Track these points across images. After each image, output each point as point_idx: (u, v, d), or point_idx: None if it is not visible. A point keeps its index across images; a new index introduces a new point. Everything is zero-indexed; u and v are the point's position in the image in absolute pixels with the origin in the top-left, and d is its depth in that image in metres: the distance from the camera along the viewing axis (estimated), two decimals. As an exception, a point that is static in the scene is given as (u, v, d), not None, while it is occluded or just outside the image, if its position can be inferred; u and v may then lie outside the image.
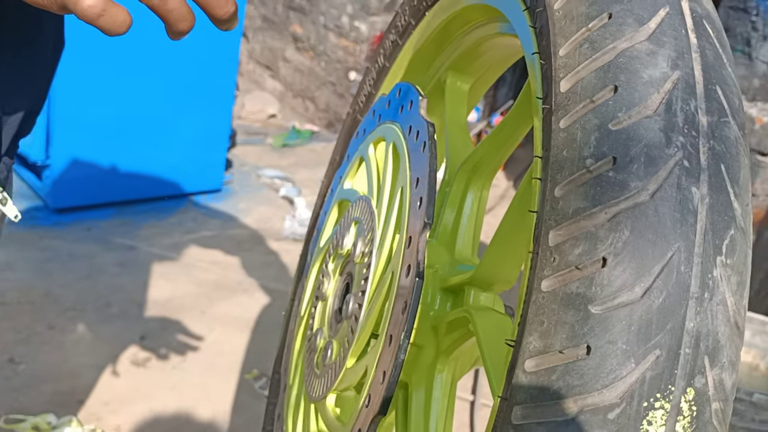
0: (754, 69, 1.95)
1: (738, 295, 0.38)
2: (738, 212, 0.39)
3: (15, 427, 1.61)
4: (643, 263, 0.37)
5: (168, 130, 2.57)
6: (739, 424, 1.64)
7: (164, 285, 2.23)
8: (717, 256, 0.38)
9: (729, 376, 0.38)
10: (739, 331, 0.39)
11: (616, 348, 0.36)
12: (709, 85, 0.41)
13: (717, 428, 0.38)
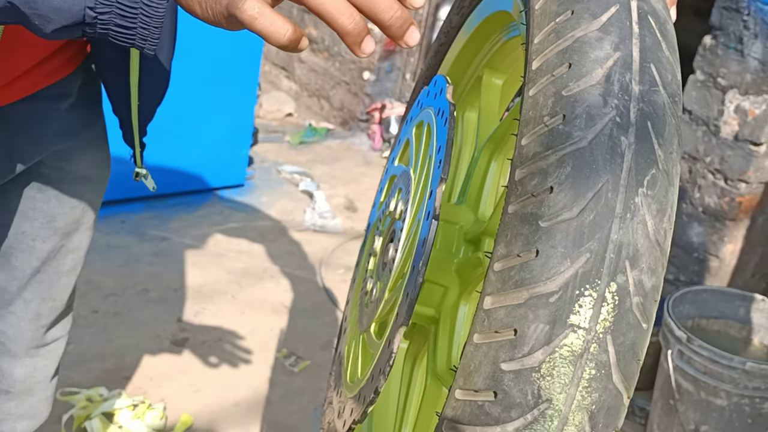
0: (746, 65, 2.07)
1: (658, 218, 0.50)
2: (661, 157, 0.51)
3: (70, 398, 1.74)
4: (579, 191, 0.49)
5: (195, 128, 2.70)
6: (734, 391, 1.76)
7: (196, 272, 2.36)
8: (639, 187, 0.49)
9: (648, 279, 0.49)
10: (660, 247, 0.50)
11: (557, 251, 0.48)
12: (644, 63, 0.52)
13: (638, 317, 0.49)
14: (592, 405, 0.48)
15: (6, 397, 0.92)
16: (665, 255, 0.51)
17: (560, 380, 0.48)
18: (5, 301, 0.87)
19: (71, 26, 0.53)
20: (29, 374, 0.92)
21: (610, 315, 0.48)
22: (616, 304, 0.48)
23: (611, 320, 0.48)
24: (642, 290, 0.49)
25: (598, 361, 0.48)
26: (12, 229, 0.84)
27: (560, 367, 0.48)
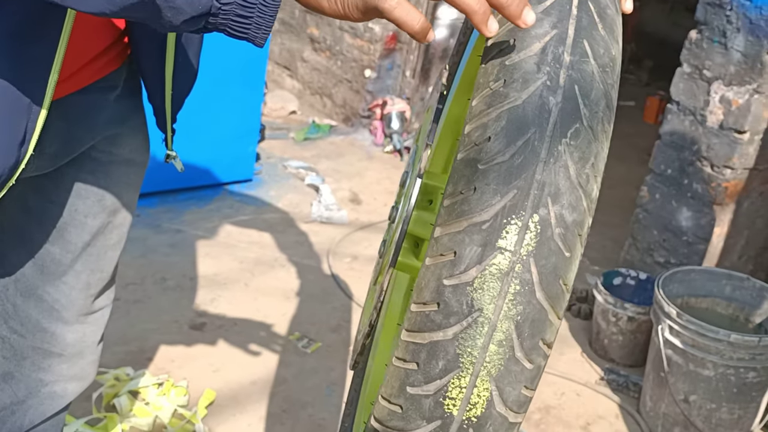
0: (729, 57, 2.16)
1: (579, 164, 0.58)
2: (586, 114, 0.59)
3: (99, 378, 1.84)
4: (511, 139, 0.58)
5: (205, 126, 2.79)
6: (720, 362, 1.86)
7: (210, 262, 2.46)
8: (563, 138, 0.58)
9: (569, 214, 0.58)
10: (583, 189, 0.58)
11: (490, 188, 0.58)
12: (578, 39, 0.60)
13: (559, 245, 0.58)
14: (518, 316, 0.57)
15: (59, 359, 1.01)
16: (589, 197, 0.59)
17: (489, 293, 0.57)
18: (59, 272, 0.96)
19: (198, 17, 0.59)
20: (79, 339, 1.01)
21: (533, 241, 0.57)
22: (538, 232, 0.57)
23: (534, 245, 0.57)
24: (563, 223, 0.58)
25: (522, 279, 0.57)
26: (66, 207, 0.93)
27: (489, 282, 0.57)
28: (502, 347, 0.57)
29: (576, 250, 0.59)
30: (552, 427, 2.00)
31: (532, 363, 0.59)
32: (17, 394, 1.02)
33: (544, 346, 0.59)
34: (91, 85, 0.86)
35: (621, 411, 2.09)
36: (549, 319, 0.58)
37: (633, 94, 4.57)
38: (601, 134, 0.60)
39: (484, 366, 0.58)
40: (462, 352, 0.57)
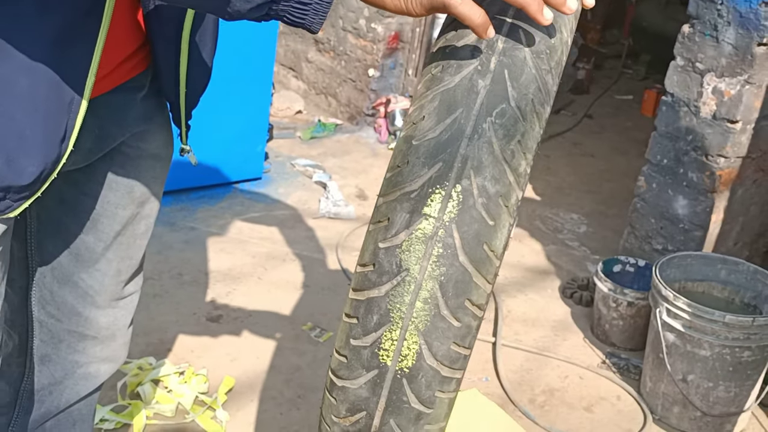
0: (720, 50, 2.22)
1: (504, 141, 0.64)
2: (513, 96, 0.64)
3: (123, 367, 1.90)
4: (441, 118, 0.64)
5: (215, 127, 2.85)
6: (716, 342, 1.92)
7: (224, 257, 2.52)
8: (488, 117, 0.64)
9: (492, 185, 0.63)
10: (508, 164, 0.64)
11: (420, 161, 0.64)
12: (514, 28, 0.66)
13: (482, 214, 0.63)
14: (441, 276, 0.63)
15: (93, 342, 1.08)
16: (516, 171, 0.64)
17: (415, 255, 0.63)
18: (93, 260, 1.03)
19: (263, 4, 0.63)
20: (112, 322, 1.08)
21: (455, 209, 0.63)
22: (461, 201, 0.63)
23: (456, 213, 0.63)
24: (486, 193, 0.63)
25: (444, 242, 0.63)
26: (99, 199, 1.00)
27: (415, 245, 0.64)
28: (427, 304, 0.63)
29: (501, 220, 0.63)
30: (556, 409, 2.06)
31: (459, 321, 0.64)
32: (54, 375, 1.09)
33: (472, 307, 0.64)
34: (121, 86, 0.92)
35: (622, 392, 2.15)
36: (474, 281, 0.63)
37: (631, 88, 4.62)
38: (530, 114, 0.65)
39: (412, 321, 0.63)
40: (392, 307, 0.64)
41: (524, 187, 0.65)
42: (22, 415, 1.10)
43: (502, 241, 0.64)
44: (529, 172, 0.65)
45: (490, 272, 0.65)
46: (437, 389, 0.66)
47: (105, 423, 1.76)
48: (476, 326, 0.66)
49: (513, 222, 0.65)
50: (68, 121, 0.79)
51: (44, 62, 0.75)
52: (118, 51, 0.88)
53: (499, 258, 0.65)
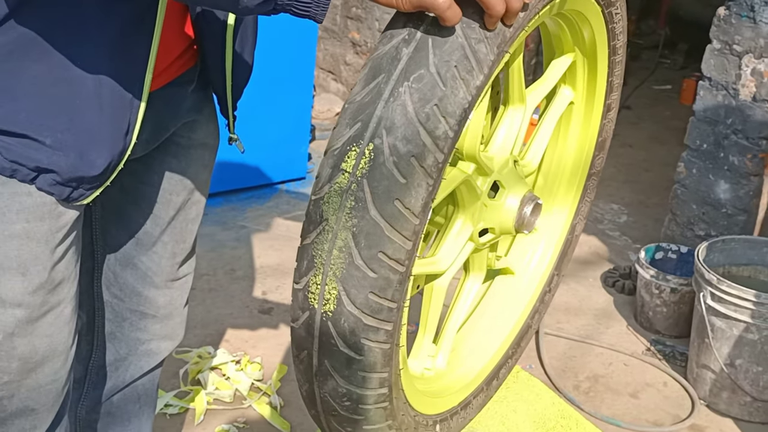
0: (758, 30, 2.17)
1: (419, 104, 0.66)
2: (434, 62, 0.66)
3: (184, 356, 1.97)
4: (366, 83, 0.67)
5: (261, 130, 2.92)
6: (764, 325, 1.87)
7: (273, 254, 2.58)
8: (405, 81, 0.66)
9: (403, 146, 0.66)
10: (423, 125, 0.66)
11: (345, 121, 0.69)
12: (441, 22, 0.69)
13: (393, 171, 0.66)
14: (353, 227, 0.67)
15: (153, 320, 1.13)
16: (432, 134, 0.66)
17: (332, 207, 0.68)
18: (150, 243, 1.08)
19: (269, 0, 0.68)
20: (169, 302, 1.13)
21: (366, 165, 0.67)
22: (372, 158, 0.67)
23: (367, 169, 0.67)
24: (397, 152, 0.66)
25: (356, 196, 0.67)
26: (155, 186, 1.05)
27: (333, 198, 0.68)
28: (342, 252, 0.68)
29: (414, 178, 0.66)
30: (601, 395, 2.05)
31: (375, 272, 0.68)
32: (119, 352, 1.14)
33: (388, 260, 0.67)
34: (174, 80, 0.97)
35: (668, 379, 2.12)
36: (387, 235, 0.67)
37: (669, 77, 4.54)
38: (452, 80, 0.67)
39: (330, 267, 0.68)
40: (316, 254, 0.69)
41: (447, 151, 0.67)
42: (92, 390, 1.16)
43: (419, 200, 0.67)
44: (452, 136, 0.67)
45: (406, 228, 0.67)
46: (362, 336, 0.70)
47: (169, 408, 1.82)
48: (398, 280, 0.69)
49: (433, 183, 0.67)
50: (131, 116, 0.85)
51: (107, 64, 0.82)
52: (171, 50, 0.94)
53: (419, 216, 0.67)
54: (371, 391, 0.75)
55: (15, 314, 0.85)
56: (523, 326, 1.13)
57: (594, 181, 1.14)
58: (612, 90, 1.05)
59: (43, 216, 0.84)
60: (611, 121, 1.10)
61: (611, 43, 0.99)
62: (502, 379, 1.12)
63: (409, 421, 0.85)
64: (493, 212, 0.88)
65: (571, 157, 1.11)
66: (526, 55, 4.00)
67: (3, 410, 0.87)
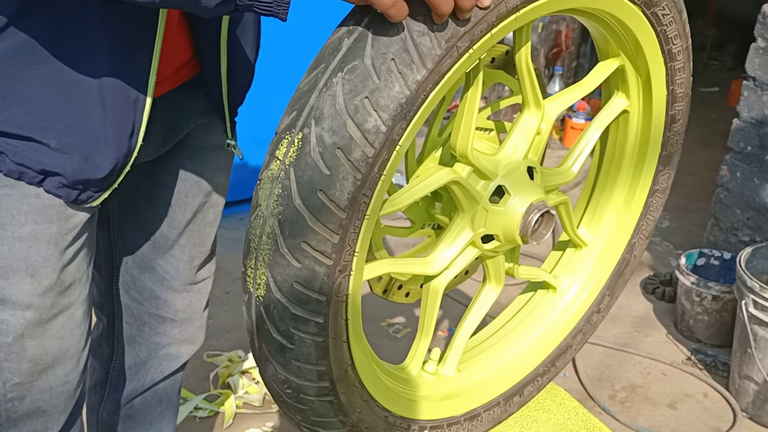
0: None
1: (349, 95, 0.65)
2: (369, 54, 0.64)
3: (215, 360, 1.99)
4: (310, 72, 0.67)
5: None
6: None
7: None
8: (339, 72, 0.65)
9: (329, 136, 0.65)
10: (351, 117, 0.64)
11: (287, 110, 0.68)
12: None
13: (317, 161, 0.65)
14: (279, 215, 0.66)
15: (172, 324, 1.14)
16: (361, 126, 0.64)
17: (265, 192, 0.68)
18: (167, 247, 1.08)
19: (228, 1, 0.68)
20: (187, 305, 1.13)
21: (294, 154, 0.66)
22: (299, 147, 0.66)
23: (294, 158, 0.66)
24: (322, 143, 0.65)
25: (283, 184, 0.67)
26: (171, 189, 1.05)
27: (266, 184, 0.68)
28: (270, 239, 0.67)
29: (339, 171, 0.65)
30: (638, 405, 1.98)
31: (299, 262, 0.67)
32: (139, 355, 1.15)
33: (312, 251, 0.67)
34: (186, 83, 0.97)
35: (709, 389, 2.04)
36: (310, 226, 0.66)
37: (717, 79, 4.39)
38: (387, 73, 0.65)
39: (261, 252, 0.68)
40: (251, 238, 0.70)
41: (378, 146, 0.65)
42: (113, 393, 1.17)
43: (344, 193, 0.65)
44: (385, 131, 0.65)
45: (330, 221, 0.66)
46: (291, 325, 0.70)
47: (199, 411, 1.83)
48: (325, 273, 0.68)
49: (362, 178, 0.66)
50: (135, 118, 0.85)
51: (110, 67, 0.82)
52: (179, 54, 0.94)
53: (345, 210, 0.66)
54: (310, 383, 0.75)
55: (25, 316, 0.85)
56: (561, 345, 1.06)
57: (659, 198, 1.04)
58: (675, 99, 0.96)
59: (51, 218, 0.84)
60: (678, 134, 1.01)
61: (665, 48, 0.90)
62: (527, 397, 1.06)
63: (376, 421, 0.83)
64: (496, 218, 0.85)
65: (629, 170, 1.02)
66: (566, 58, 3.92)
67: (14, 411, 0.88)
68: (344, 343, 0.75)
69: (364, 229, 0.69)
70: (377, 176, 0.67)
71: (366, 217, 0.69)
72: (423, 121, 0.69)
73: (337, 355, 0.75)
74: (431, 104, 0.69)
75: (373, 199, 0.69)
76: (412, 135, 0.69)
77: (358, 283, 0.74)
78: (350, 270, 0.70)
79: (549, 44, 3.75)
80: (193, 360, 1.97)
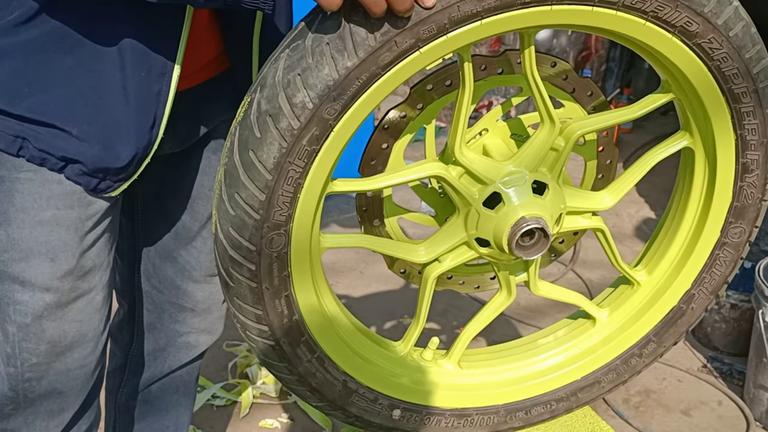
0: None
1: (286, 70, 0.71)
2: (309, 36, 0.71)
3: (234, 350, 2.01)
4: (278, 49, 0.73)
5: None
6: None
7: (329, 253, 2.59)
8: (287, 48, 0.71)
9: (265, 104, 0.72)
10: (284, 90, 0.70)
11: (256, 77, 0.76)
12: None
13: (252, 125, 0.72)
14: (225, 165, 0.75)
15: (192, 314, 1.15)
16: (290, 100, 0.71)
17: (228, 146, 0.75)
18: (189, 238, 1.10)
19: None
20: (207, 296, 1.15)
21: (242, 114, 0.74)
22: (246, 109, 0.73)
23: (241, 117, 0.74)
24: (258, 109, 0.72)
25: (231, 140, 0.74)
26: (195, 182, 1.07)
27: (228, 138, 0.75)
28: (218, 185, 0.76)
29: (268, 136, 0.71)
30: (651, 410, 1.96)
31: (233, 210, 0.75)
32: (158, 342, 1.17)
33: (243, 204, 0.74)
34: (215, 77, 0.98)
35: (724, 397, 2.01)
36: (242, 180, 0.73)
37: None
38: (319, 55, 0.69)
39: (215, 194, 0.77)
40: (216, 179, 0.78)
41: (304, 120, 0.71)
42: (132, 378, 1.19)
43: (271, 157, 0.72)
44: (312, 108, 0.70)
45: (258, 180, 0.73)
46: (230, 265, 0.78)
47: (216, 399, 1.86)
48: (254, 225, 0.75)
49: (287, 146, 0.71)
50: (157, 109, 0.86)
51: (134, 59, 0.83)
52: (208, 50, 0.95)
53: (271, 173, 0.73)
54: (251, 323, 0.81)
55: (44, 298, 0.87)
56: (588, 377, 1.01)
57: (728, 253, 0.95)
58: (747, 147, 0.87)
59: (72, 204, 0.86)
60: (753, 186, 0.90)
61: (726, 87, 0.82)
62: (535, 417, 1.02)
63: (330, 381, 0.88)
64: (487, 223, 0.85)
65: (694, 216, 0.95)
66: (596, 61, 3.88)
67: (32, 391, 0.90)
68: (285, 296, 0.81)
69: (303, 197, 0.75)
70: (307, 149, 0.72)
71: (302, 188, 0.74)
72: (370, 109, 0.73)
73: (275, 306, 0.80)
74: (377, 94, 0.72)
75: (310, 173, 0.74)
76: (354, 121, 0.73)
77: (305, 244, 0.80)
78: (285, 230, 0.76)
79: (578, 47, 3.72)
80: (212, 349, 2.00)
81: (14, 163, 0.84)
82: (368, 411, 0.92)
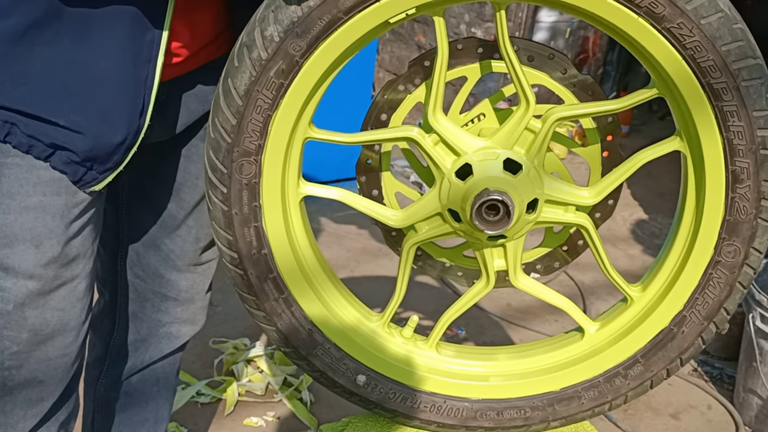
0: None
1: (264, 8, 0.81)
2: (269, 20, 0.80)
3: (220, 346, 2.01)
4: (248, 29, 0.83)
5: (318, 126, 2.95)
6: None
7: (322, 250, 2.60)
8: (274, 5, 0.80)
9: (245, 37, 0.81)
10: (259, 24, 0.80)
11: None
12: None
13: (234, 53, 0.82)
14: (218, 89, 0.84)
15: (174, 303, 1.15)
16: (263, 33, 0.79)
17: None
18: (174, 226, 1.10)
19: None
20: (191, 286, 1.15)
21: (236, 48, 0.83)
22: (236, 44, 0.83)
23: (236, 50, 0.83)
24: (241, 41, 0.82)
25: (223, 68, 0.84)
26: (181, 170, 1.06)
27: None
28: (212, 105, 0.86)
29: (242, 65, 0.81)
30: (640, 413, 1.97)
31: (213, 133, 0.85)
32: (140, 332, 1.17)
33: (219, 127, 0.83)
34: (205, 65, 0.99)
35: (713, 401, 2.02)
36: (220, 105, 0.83)
37: None
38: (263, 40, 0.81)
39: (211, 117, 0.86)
40: None
41: (271, 52, 0.80)
42: (111, 368, 1.19)
43: (242, 84, 0.81)
44: (278, 41, 0.79)
45: (232, 105, 0.82)
46: (209, 187, 0.87)
47: (201, 396, 1.85)
48: (226, 149, 0.83)
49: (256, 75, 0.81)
50: (144, 96, 0.87)
51: (119, 44, 0.83)
52: (200, 36, 0.95)
53: (242, 99, 0.81)
54: (224, 248, 0.88)
55: (27, 285, 0.87)
56: (566, 390, 0.97)
57: (722, 274, 0.89)
58: (735, 152, 0.82)
59: (59, 191, 0.86)
60: (746, 199, 0.84)
61: (704, 81, 0.79)
62: (506, 420, 0.98)
63: (294, 326, 0.91)
64: (456, 193, 0.87)
65: (687, 231, 0.91)
66: (593, 64, 3.89)
67: (11, 379, 0.90)
68: (254, 227, 0.87)
69: (274, 130, 0.83)
70: (275, 81, 0.81)
71: (273, 121, 0.83)
72: (336, 55, 0.82)
73: (243, 233, 0.87)
74: (342, 40, 0.80)
75: (281, 107, 0.82)
76: (322, 64, 0.81)
77: (278, 182, 0.86)
78: (256, 159, 0.84)
79: (576, 50, 3.73)
80: (198, 346, 2.00)
81: (1, 148, 0.84)
82: (332, 369, 0.93)
